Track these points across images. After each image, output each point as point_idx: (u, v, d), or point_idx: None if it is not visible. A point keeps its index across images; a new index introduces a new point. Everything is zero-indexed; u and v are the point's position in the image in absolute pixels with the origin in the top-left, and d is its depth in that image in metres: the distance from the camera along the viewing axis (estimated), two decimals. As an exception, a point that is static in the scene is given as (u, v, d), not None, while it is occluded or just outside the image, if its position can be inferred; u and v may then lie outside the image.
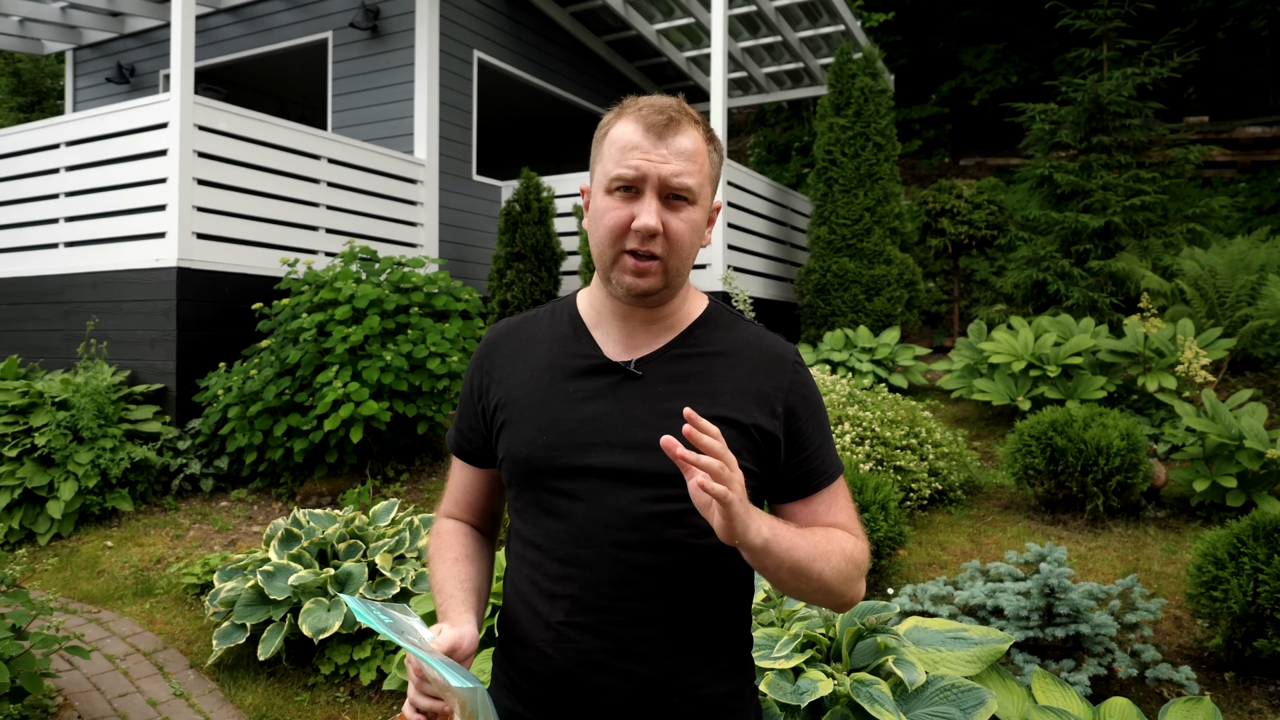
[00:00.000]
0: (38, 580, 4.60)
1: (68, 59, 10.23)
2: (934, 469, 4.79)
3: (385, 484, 5.42)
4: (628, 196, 1.24)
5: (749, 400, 1.28)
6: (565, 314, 1.40)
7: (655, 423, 1.25)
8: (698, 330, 1.35)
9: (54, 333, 6.34)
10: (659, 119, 1.24)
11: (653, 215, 1.22)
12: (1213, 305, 6.36)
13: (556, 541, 1.27)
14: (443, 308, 5.61)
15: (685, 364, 1.31)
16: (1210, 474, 4.38)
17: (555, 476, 1.27)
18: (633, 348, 1.33)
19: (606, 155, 1.28)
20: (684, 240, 1.25)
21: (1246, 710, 3.02)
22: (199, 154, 5.87)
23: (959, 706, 2.43)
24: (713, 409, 1.25)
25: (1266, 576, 3.01)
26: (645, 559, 1.23)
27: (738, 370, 1.31)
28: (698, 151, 1.26)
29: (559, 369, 1.33)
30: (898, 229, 7.87)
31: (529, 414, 1.31)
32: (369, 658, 3.46)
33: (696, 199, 1.26)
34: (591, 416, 1.28)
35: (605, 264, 1.28)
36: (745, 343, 1.35)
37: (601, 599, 1.23)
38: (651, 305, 1.31)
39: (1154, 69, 7.82)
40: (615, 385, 1.30)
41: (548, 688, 1.27)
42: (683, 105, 1.28)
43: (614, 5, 9.24)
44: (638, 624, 1.23)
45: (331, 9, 8.33)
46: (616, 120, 1.29)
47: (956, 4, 13.95)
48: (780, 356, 1.34)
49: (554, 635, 1.25)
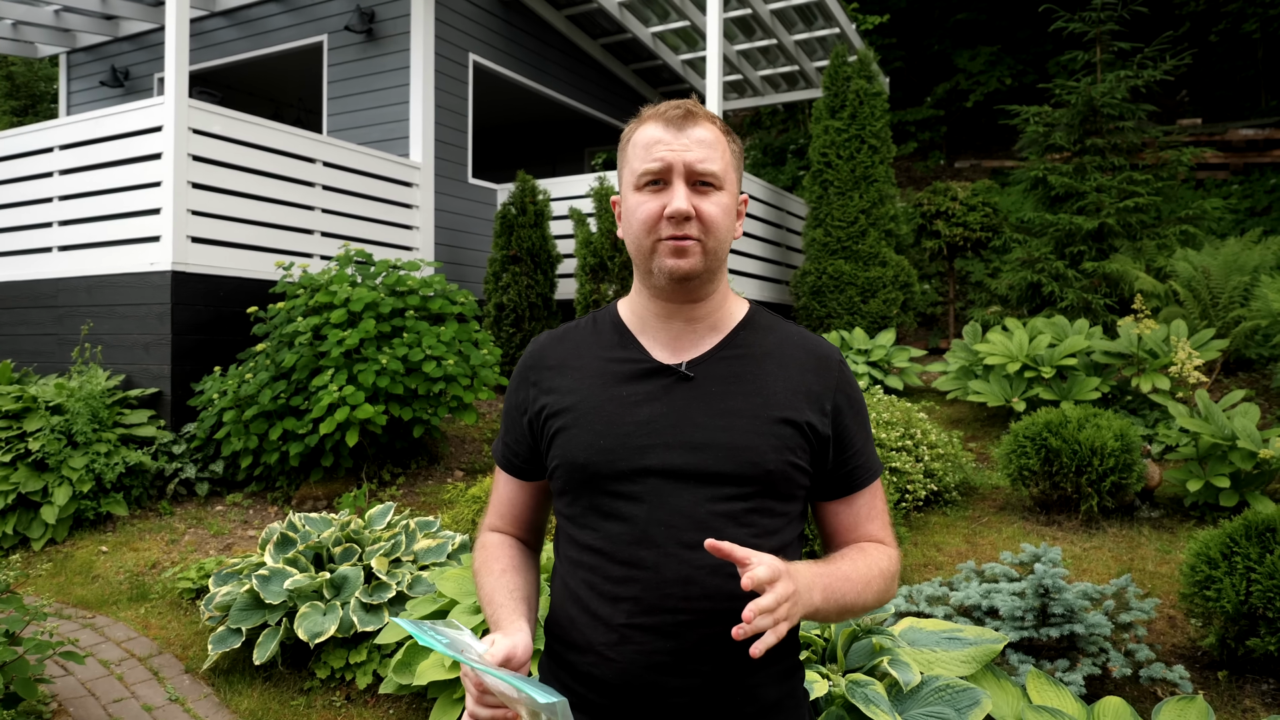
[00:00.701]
0: (32, 586, 4.59)
1: (61, 62, 10.21)
2: (929, 470, 4.80)
3: (381, 487, 5.42)
4: (657, 189, 1.28)
5: (801, 399, 1.31)
6: (608, 322, 1.42)
7: (711, 422, 1.28)
8: (743, 332, 1.37)
9: (48, 337, 6.33)
10: (676, 113, 1.30)
11: (684, 199, 1.25)
12: (1206, 306, 6.39)
13: (618, 544, 1.27)
14: (438, 311, 5.61)
15: (735, 365, 1.33)
16: (1204, 474, 4.40)
17: (615, 480, 1.28)
18: (680, 350, 1.35)
19: (632, 156, 1.32)
20: (718, 222, 1.28)
21: (1240, 709, 3.03)
22: (193, 157, 5.87)
23: (954, 707, 2.44)
24: (770, 409, 1.29)
25: (1259, 576, 3.02)
26: (709, 558, 1.22)
27: (786, 370, 1.33)
28: (717, 140, 1.30)
29: (610, 375, 1.34)
30: (893, 231, 7.89)
31: (583, 420, 1.32)
32: (365, 661, 3.46)
33: (723, 184, 1.29)
34: (647, 419, 1.29)
35: (644, 254, 1.30)
36: (790, 343, 1.37)
37: (666, 599, 1.24)
38: (693, 297, 1.33)
39: (1147, 71, 7.85)
40: (668, 388, 1.31)
41: (610, 691, 1.27)
42: (696, 103, 1.33)
43: (609, 8, 9.25)
44: (702, 624, 1.23)
45: (327, 12, 8.33)
46: (638, 126, 1.34)
47: (951, 7, 13.99)
48: (826, 356, 1.37)
49: (616, 638, 1.25)
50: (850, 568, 1.28)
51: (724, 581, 1.23)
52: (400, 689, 3.24)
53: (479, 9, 8.56)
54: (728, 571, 1.23)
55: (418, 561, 3.86)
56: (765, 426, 1.28)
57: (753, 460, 1.26)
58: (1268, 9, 11.24)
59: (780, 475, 1.28)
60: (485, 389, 5.54)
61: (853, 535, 1.39)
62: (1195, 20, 12.40)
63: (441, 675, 2.98)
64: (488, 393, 5.55)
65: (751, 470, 1.26)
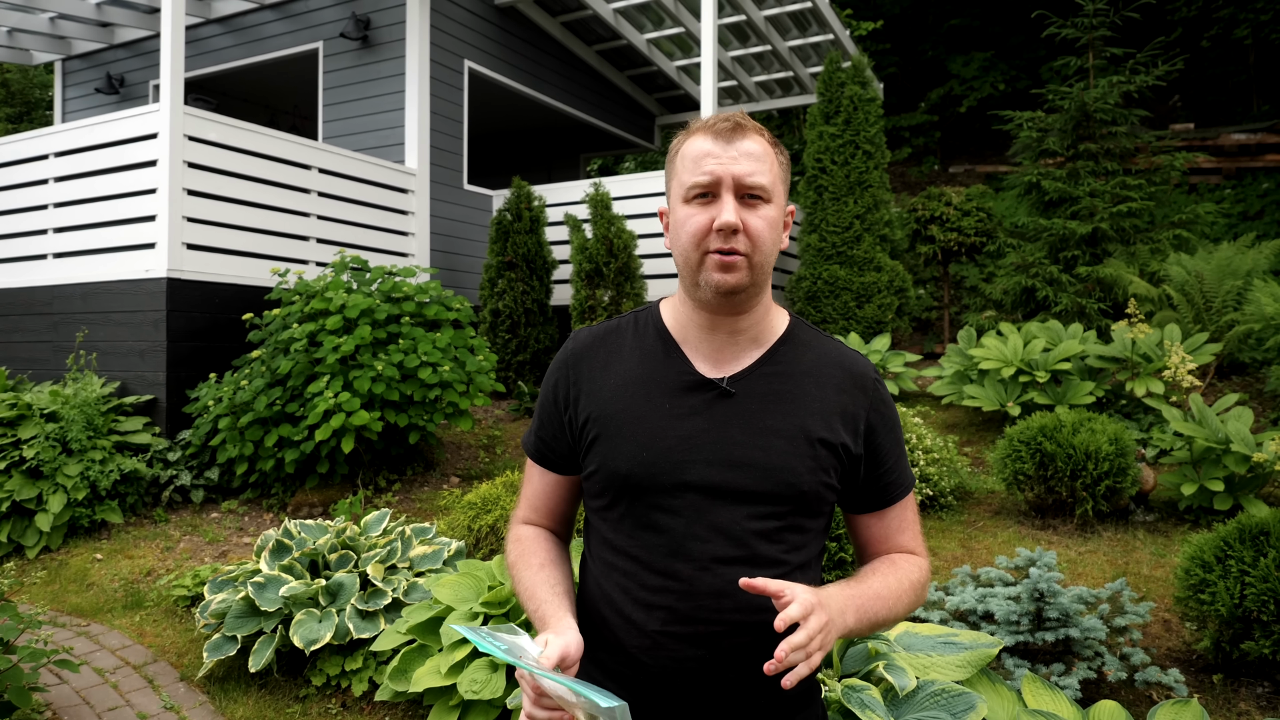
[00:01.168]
0: (26, 594, 4.57)
1: (56, 69, 10.21)
2: (925, 475, 4.80)
3: (377, 494, 5.42)
4: (705, 202, 1.29)
5: (836, 419, 1.34)
6: (651, 327, 1.42)
7: (751, 440, 1.30)
8: (783, 347, 1.39)
9: (43, 344, 6.32)
10: (725, 125, 1.30)
11: (732, 213, 1.26)
12: (1199, 310, 6.41)
13: (655, 555, 1.30)
14: (434, 317, 5.61)
15: (775, 382, 1.35)
16: (1198, 478, 4.41)
17: (655, 493, 1.30)
18: (721, 363, 1.36)
19: (681, 168, 1.32)
20: (765, 237, 1.29)
21: (1235, 712, 3.04)
22: (189, 164, 5.87)
23: (949, 711, 2.44)
24: (807, 430, 1.32)
25: (1253, 579, 3.03)
26: (741, 573, 1.25)
27: (824, 389, 1.36)
28: (765, 153, 1.31)
29: (654, 385, 1.35)
30: (888, 236, 7.91)
31: (626, 430, 1.33)
32: (361, 669, 3.45)
33: (771, 197, 1.30)
34: (689, 434, 1.31)
35: (692, 268, 1.31)
36: (829, 360, 1.39)
37: (699, 610, 1.28)
38: (737, 309, 1.34)
39: (1139, 77, 7.89)
40: (710, 403, 1.33)
41: (640, 691, 1.31)
42: (745, 115, 1.34)
43: (604, 15, 9.28)
44: (734, 634, 1.28)
45: (322, 19, 8.34)
46: (687, 139, 1.34)
47: (945, 13, 14.05)
48: (862, 375, 1.40)
49: (649, 643, 1.29)
50: (881, 584, 1.33)
51: (755, 595, 1.25)
52: (396, 696, 3.24)
53: (474, 16, 8.58)
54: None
55: (414, 568, 3.86)
56: (802, 448, 1.31)
57: (789, 481, 1.29)
58: (1259, 15, 11.31)
59: (813, 495, 1.32)
60: (481, 395, 5.54)
61: (884, 546, 1.44)
62: (1187, 26, 12.46)
63: (437, 682, 2.98)
64: (483, 399, 5.55)
65: (787, 491, 1.30)
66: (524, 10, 9.10)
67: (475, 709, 2.94)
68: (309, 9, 8.42)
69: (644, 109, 11.72)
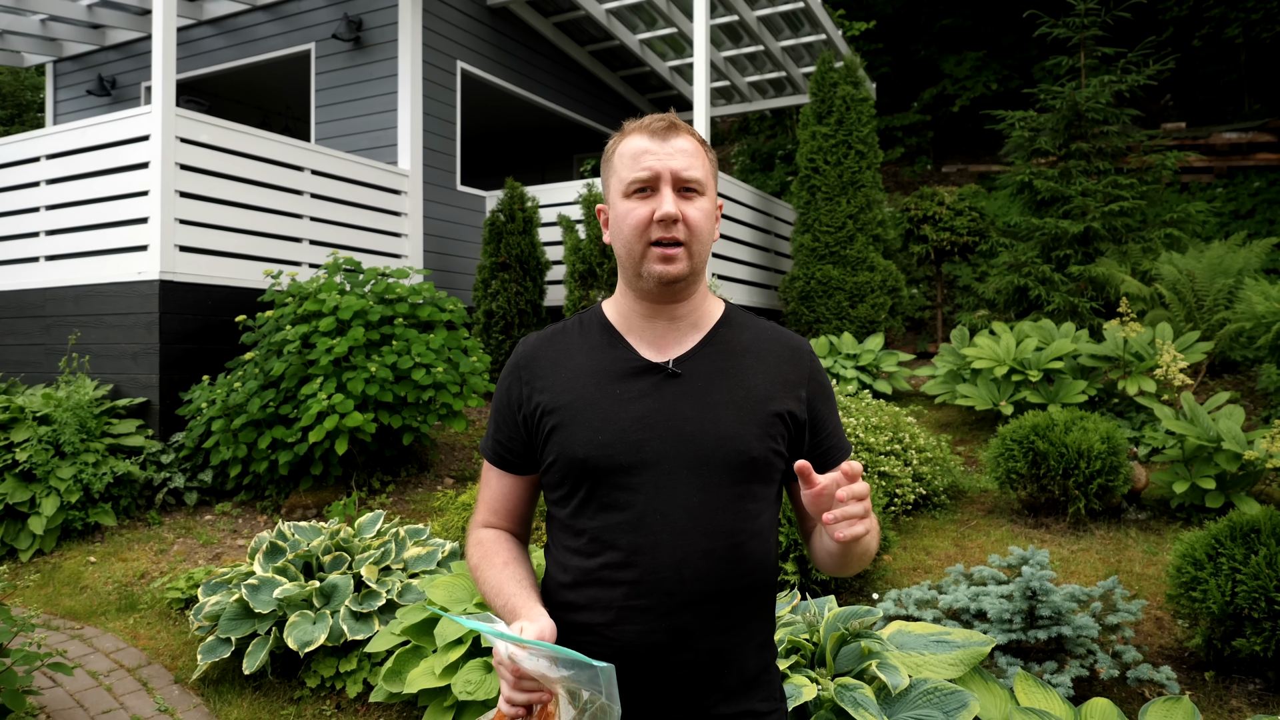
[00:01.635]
0: (19, 597, 4.56)
1: (48, 71, 10.18)
2: (918, 474, 4.82)
3: (371, 495, 5.41)
4: (645, 196, 1.38)
5: (779, 389, 1.43)
6: (595, 323, 1.50)
7: (700, 415, 1.38)
8: (722, 330, 1.48)
9: (35, 347, 6.30)
10: (660, 124, 1.40)
11: (671, 203, 1.36)
12: (1191, 309, 6.44)
13: (616, 533, 1.36)
14: (427, 318, 5.61)
15: (718, 360, 1.43)
16: (1189, 476, 4.43)
17: (613, 473, 1.36)
18: (665, 348, 1.44)
19: (619, 166, 1.42)
20: (701, 226, 1.39)
21: (1226, 709, 3.05)
22: (181, 166, 5.86)
23: (942, 709, 2.45)
24: (752, 400, 1.40)
25: (1244, 576, 3.04)
26: (701, 544, 1.34)
27: (764, 363, 1.45)
28: (697, 150, 1.41)
29: (603, 374, 1.42)
30: (881, 236, 7.93)
31: (580, 417, 1.40)
32: (355, 670, 3.45)
33: (704, 190, 1.41)
34: (641, 415, 1.38)
35: (635, 259, 1.39)
36: (766, 337, 1.49)
37: (662, 582, 1.33)
38: (676, 298, 1.43)
39: (1131, 76, 7.92)
40: (659, 385, 1.41)
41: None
42: (677, 116, 1.44)
43: (597, 16, 9.28)
44: (696, 603, 1.34)
45: (314, 20, 8.33)
46: (622, 138, 1.44)
47: (937, 12, 14.08)
48: (798, 348, 1.50)
49: (614, 617, 1.35)
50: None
51: (715, 565, 1.34)
52: (391, 697, 3.24)
53: (467, 17, 8.57)
54: (718, 555, 1.35)
55: (408, 569, 3.86)
56: (749, 417, 1.39)
57: (740, 449, 1.37)
58: (1250, 14, 11.35)
59: (764, 461, 1.39)
60: (475, 396, 5.54)
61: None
62: (1178, 25, 12.50)
63: (432, 683, 2.98)
64: (477, 400, 5.55)
65: (739, 459, 1.37)
66: (516, 11, 9.10)
67: (470, 709, 2.94)
68: (301, 10, 8.40)
69: (637, 109, 11.72)
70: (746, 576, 1.38)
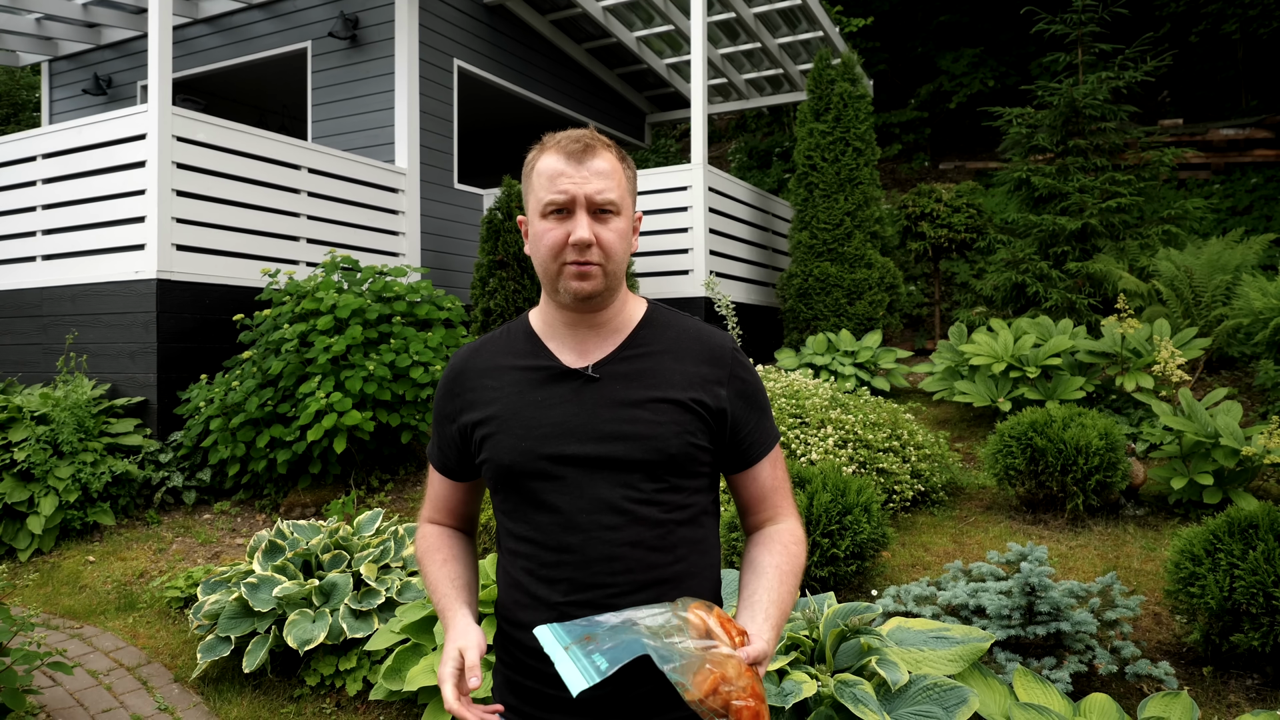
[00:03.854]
0: (18, 596, 4.56)
1: (44, 70, 10.15)
2: (916, 471, 4.82)
3: (370, 494, 5.41)
4: (561, 218, 1.41)
5: (696, 386, 1.46)
6: (520, 332, 1.55)
7: (617, 415, 1.42)
8: (642, 332, 1.51)
9: (32, 346, 6.29)
10: (576, 146, 1.42)
11: (585, 229, 1.38)
12: (1188, 305, 6.44)
13: (548, 532, 1.41)
14: (425, 317, 5.60)
15: (636, 363, 1.47)
16: (1187, 472, 4.44)
17: (538, 476, 1.42)
18: (586, 354, 1.48)
19: (537, 185, 1.43)
20: (615, 247, 1.42)
21: (1224, 704, 3.06)
22: (178, 165, 5.85)
23: (942, 705, 2.46)
24: (666, 397, 1.44)
25: (1242, 572, 3.05)
26: (628, 535, 1.39)
27: (683, 362, 1.48)
28: (614, 170, 1.43)
29: (525, 383, 1.48)
30: (878, 233, 7.93)
31: (506, 425, 1.45)
32: (355, 668, 3.46)
33: (620, 210, 1.43)
34: (561, 419, 1.43)
35: (551, 277, 1.43)
36: (686, 336, 1.52)
37: (596, 576, 1.38)
38: (595, 309, 1.47)
39: (1128, 73, 7.92)
40: (578, 389, 1.45)
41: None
42: (594, 133, 1.45)
43: (594, 13, 9.27)
44: (631, 593, 1.38)
45: (310, 19, 8.32)
46: (540, 155, 1.45)
47: (934, 9, 14.08)
48: (719, 346, 1.52)
49: (556, 614, 1.38)
50: (778, 581, 1.45)
51: (644, 554, 1.40)
52: (390, 695, 3.24)
53: (463, 14, 8.56)
54: (646, 545, 1.40)
55: (407, 567, 3.86)
56: (665, 414, 1.43)
57: (657, 447, 1.40)
58: (1247, 9, 11.35)
59: (683, 456, 1.42)
60: (473, 394, 5.53)
61: (762, 505, 1.56)
62: (1175, 21, 12.51)
63: (431, 681, 2.98)
64: (476, 398, 5.54)
65: (656, 455, 1.40)
66: (513, 9, 9.09)
67: (470, 708, 2.94)
68: (297, 8, 8.39)
69: (634, 107, 11.72)
70: (680, 561, 1.43)
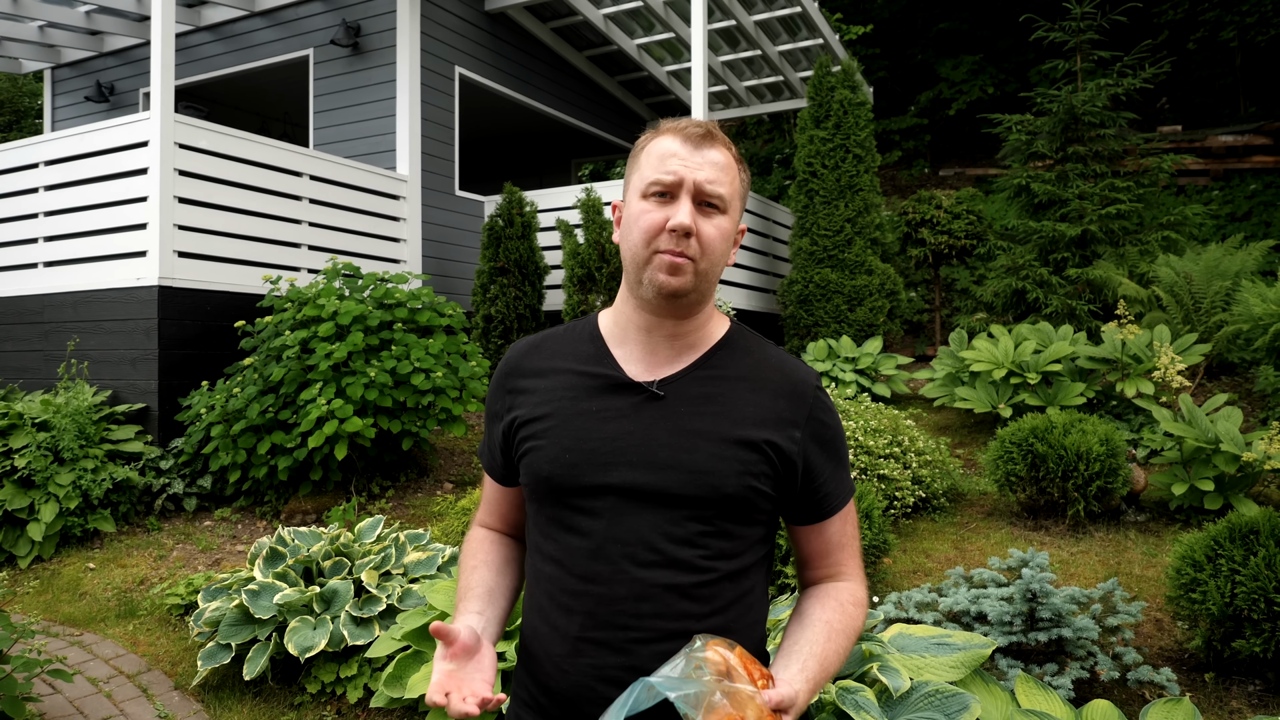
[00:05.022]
0: (18, 603, 4.55)
1: (46, 78, 10.18)
2: (917, 477, 4.82)
3: (370, 500, 5.41)
4: (663, 201, 1.28)
5: (769, 424, 1.30)
6: (586, 333, 1.42)
7: (676, 442, 1.27)
8: (720, 352, 1.36)
9: (33, 353, 6.30)
10: (696, 130, 1.30)
11: (687, 215, 1.26)
12: (1188, 311, 6.45)
13: (575, 558, 1.28)
14: (427, 323, 5.61)
15: (708, 386, 1.32)
16: (1188, 478, 4.44)
17: (577, 494, 1.29)
18: (655, 366, 1.34)
19: (645, 164, 1.31)
20: (715, 245, 1.29)
21: (1226, 710, 3.06)
22: (180, 172, 5.86)
23: (943, 712, 2.46)
24: (735, 432, 1.28)
25: (1243, 578, 3.05)
26: (661, 576, 1.24)
27: (759, 395, 1.32)
28: (729, 166, 1.31)
29: (582, 389, 1.34)
30: (879, 239, 7.94)
31: (553, 433, 1.32)
32: (356, 675, 3.45)
33: (728, 208, 1.30)
34: (614, 435, 1.29)
35: (639, 263, 1.29)
36: (768, 366, 1.36)
37: (617, 615, 1.25)
38: (679, 313, 1.33)
39: (1127, 80, 7.94)
40: (638, 405, 1.31)
41: (563, 701, 1.29)
42: (716, 125, 1.34)
43: (594, 21, 9.30)
44: (653, 640, 1.24)
45: (312, 26, 8.34)
46: (655, 136, 1.34)
47: (933, 16, 14.12)
48: (802, 382, 1.36)
49: (569, 649, 1.27)
50: (827, 641, 1.29)
51: (676, 600, 1.25)
52: (391, 703, 3.23)
53: (465, 23, 8.59)
54: (680, 590, 1.25)
55: (408, 574, 3.86)
56: (729, 450, 1.27)
57: (713, 484, 1.26)
58: (1245, 17, 11.39)
59: (739, 499, 1.27)
60: (474, 401, 5.54)
61: (824, 562, 1.40)
62: (1174, 29, 12.54)
63: (433, 688, 2.97)
64: (476, 405, 5.55)
65: (710, 494, 1.26)
66: (514, 17, 9.12)
67: (471, 715, 2.94)
68: (299, 16, 8.42)
69: (635, 114, 11.74)
70: (718, 614, 1.26)
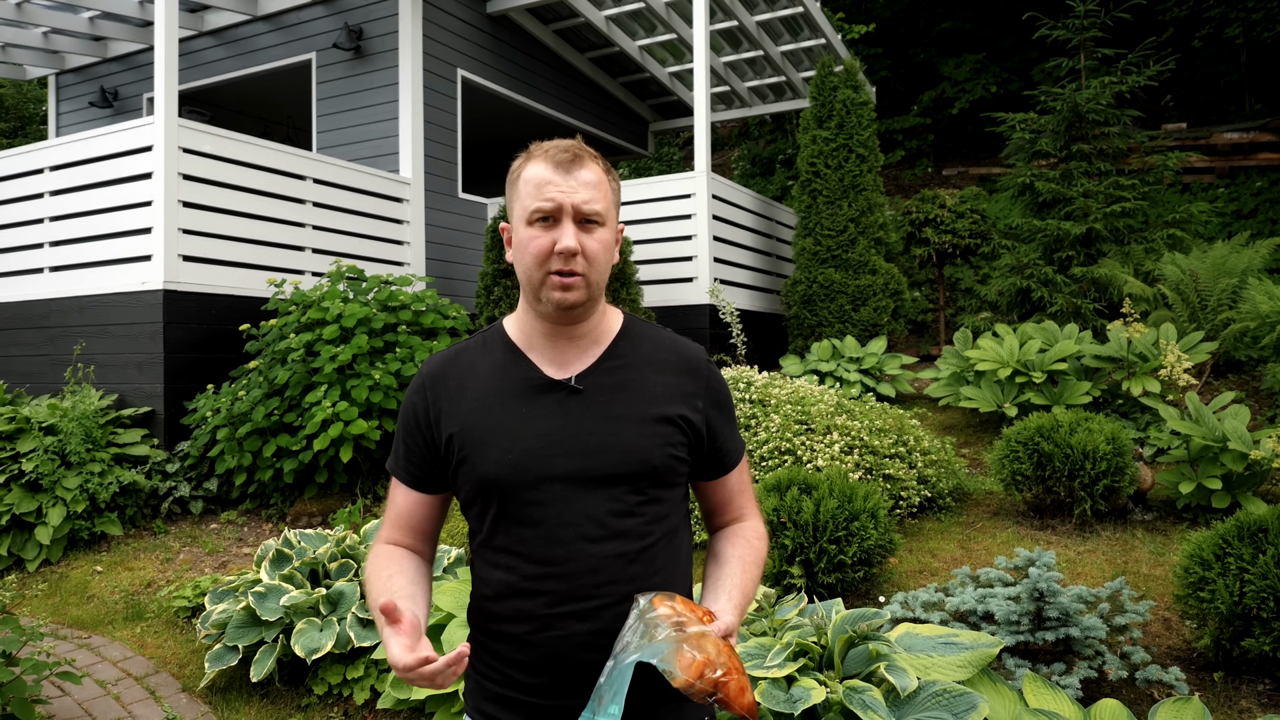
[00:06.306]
0: (27, 606, 4.57)
1: (50, 84, 10.21)
2: (923, 476, 4.81)
3: (376, 502, 5.42)
4: (547, 225, 1.42)
5: (677, 400, 1.50)
6: (497, 341, 1.55)
7: (603, 429, 1.45)
8: (622, 343, 1.54)
9: (40, 358, 6.32)
10: (564, 156, 1.44)
11: (571, 238, 1.40)
12: (1194, 309, 6.43)
13: (532, 546, 1.43)
14: (430, 325, 5.61)
15: (618, 375, 1.50)
16: (1195, 476, 4.42)
17: (524, 489, 1.43)
18: (566, 365, 1.50)
19: (524, 191, 1.45)
20: (600, 256, 1.44)
21: (1236, 709, 3.05)
22: (184, 176, 5.87)
23: (951, 711, 2.45)
24: (650, 410, 1.47)
25: (1252, 576, 3.04)
26: (611, 549, 1.42)
27: (663, 375, 1.52)
28: (600, 181, 1.45)
29: (507, 393, 1.48)
30: (882, 239, 7.93)
31: (489, 438, 1.45)
32: (363, 677, 3.45)
33: (605, 221, 1.45)
34: (547, 431, 1.44)
35: (534, 285, 1.44)
36: (664, 349, 1.56)
37: (579, 589, 1.41)
38: (576, 320, 1.48)
39: (1131, 77, 7.92)
40: (562, 401, 1.47)
41: (536, 671, 1.43)
42: (582, 144, 1.48)
43: (596, 22, 9.30)
44: (614, 605, 1.41)
45: (315, 30, 8.36)
46: (527, 163, 1.47)
47: (936, 15, 14.11)
48: (695, 358, 1.57)
49: (537, 625, 1.41)
50: (744, 568, 1.52)
51: (625, 565, 1.43)
52: (398, 704, 3.24)
53: (467, 25, 8.60)
54: (628, 557, 1.43)
55: (414, 576, 3.85)
56: (649, 428, 1.46)
57: (642, 459, 1.44)
58: (1250, 13, 11.36)
59: (665, 468, 1.46)
60: (479, 403, 5.54)
61: (729, 508, 1.63)
62: (1178, 26, 12.51)
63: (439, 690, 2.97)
64: (482, 406, 5.55)
65: (642, 468, 1.44)
66: (516, 19, 9.13)
67: (478, 716, 2.94)
68: (301, 20, 8.43)
69: (637, 115, 11.75)
70: (659, 573, 1.46)
